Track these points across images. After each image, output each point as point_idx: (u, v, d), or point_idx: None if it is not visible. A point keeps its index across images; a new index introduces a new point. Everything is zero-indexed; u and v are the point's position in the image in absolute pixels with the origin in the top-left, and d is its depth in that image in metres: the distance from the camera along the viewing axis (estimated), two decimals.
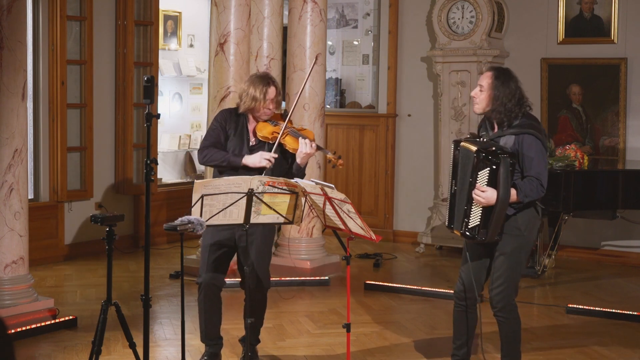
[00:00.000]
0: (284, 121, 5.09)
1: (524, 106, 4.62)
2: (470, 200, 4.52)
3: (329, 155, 4.97)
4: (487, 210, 4.48)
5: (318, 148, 5.08)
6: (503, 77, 4.62)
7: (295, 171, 5.06)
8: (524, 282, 7.27)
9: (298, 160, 5.02)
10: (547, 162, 4.61)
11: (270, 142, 5.05)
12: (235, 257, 5.14)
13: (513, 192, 4.47)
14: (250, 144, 5.10)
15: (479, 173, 4.46)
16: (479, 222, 4.51)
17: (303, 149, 4.96)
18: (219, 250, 5.05)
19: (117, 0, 8.48)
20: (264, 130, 5.06)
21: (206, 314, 5.06)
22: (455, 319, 4.89)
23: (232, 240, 5.00)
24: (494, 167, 4.41)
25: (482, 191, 4.45)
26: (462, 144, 4.62)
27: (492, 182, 4.45)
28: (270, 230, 5.17)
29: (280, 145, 5.04)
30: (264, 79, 5.08)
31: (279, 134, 5.01)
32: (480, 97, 4.64)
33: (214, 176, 5.16)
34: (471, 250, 4.74)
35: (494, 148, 4.46)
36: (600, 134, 8.50)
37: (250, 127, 5.13)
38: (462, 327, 4.84)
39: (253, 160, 4.95)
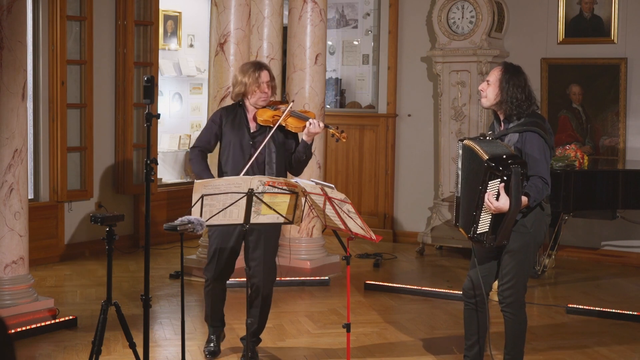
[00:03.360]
0: (284, 106, 5.18)
1: (532, 103, 4.60)
2: (479, 207, 4.43)
3: (332, 130, 5.04)
4: (496, 217, 4.41)
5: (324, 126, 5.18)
6: (512, 70, 4.61)
7: (303, 149, 5.12)
8: None
9: (305, 137, 5.08)
10: (549, 160, 4.58)
11: (272, 125, 5.08)
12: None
13: (524, 199, 4.42)
14: (251, 130, 5.16)
15: (489, 182, 4.38)
16: (487, 229, 4.46)
17: (312, 129, 5.03)
18: (228, 250, 5.18)
19: (117, 0, 8.47)
20: (265, 115, 5.11)
21: (213, 302, 5.30)
22: (465, 318, 4.81)
23: (241, 239, 5.04)
24: (505, 177, 4.34)
25: (494, 201, 4.37)
26: (468, 143, 4.53)
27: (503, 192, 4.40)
28: (277, 225, 5.19)
29: (282, 127, 5.08)
30: (254, 64, 5.20)
31: (280, 117, 5.06)
32: (488, 90, 4.60)
33: (218, 170, 5.24)
34: (478, 251, 4.71)
35: (504, 156, 4.37)
36: (600, 134, 8.50)
37: (250, 115, 5.18)
38: (473, 326, 4.76)
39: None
